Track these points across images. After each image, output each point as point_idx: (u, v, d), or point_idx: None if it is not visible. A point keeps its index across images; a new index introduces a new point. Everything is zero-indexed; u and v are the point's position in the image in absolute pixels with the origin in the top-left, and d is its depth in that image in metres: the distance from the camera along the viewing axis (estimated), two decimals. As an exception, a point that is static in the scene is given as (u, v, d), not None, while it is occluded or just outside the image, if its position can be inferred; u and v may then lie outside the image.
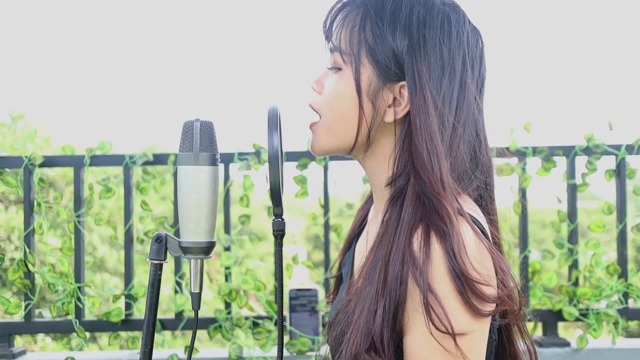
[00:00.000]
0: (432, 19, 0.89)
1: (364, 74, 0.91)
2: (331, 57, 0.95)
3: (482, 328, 0.83)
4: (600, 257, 1.95)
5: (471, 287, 0.79)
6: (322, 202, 2.01)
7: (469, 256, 0.80)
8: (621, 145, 1.98)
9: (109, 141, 1.99)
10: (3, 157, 1.94)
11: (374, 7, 0.91)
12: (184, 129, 0.92)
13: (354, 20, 0.92)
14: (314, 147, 0.98)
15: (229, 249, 1.96)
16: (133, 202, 1.98)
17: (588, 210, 6.50)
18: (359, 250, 1.07)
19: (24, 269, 1.88)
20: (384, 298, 0.82)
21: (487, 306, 0.80)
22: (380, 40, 0.89)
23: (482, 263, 0.82)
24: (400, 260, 0.82)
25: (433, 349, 0.80)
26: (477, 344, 0.83)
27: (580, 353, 1.92)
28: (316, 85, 0.97)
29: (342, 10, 0.94)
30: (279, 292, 0.96)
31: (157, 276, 0.96)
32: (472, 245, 0.81)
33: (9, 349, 1.94)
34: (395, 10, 0.89)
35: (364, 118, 0.91)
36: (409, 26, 0.88)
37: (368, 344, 0.82)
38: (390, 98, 0.91)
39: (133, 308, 1.96)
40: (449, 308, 0.79)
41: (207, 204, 0.92)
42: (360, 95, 0.91)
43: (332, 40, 0.94)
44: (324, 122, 0.95)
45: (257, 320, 1.93)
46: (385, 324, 0.82)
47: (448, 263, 0.79)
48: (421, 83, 0.87)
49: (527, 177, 1.96)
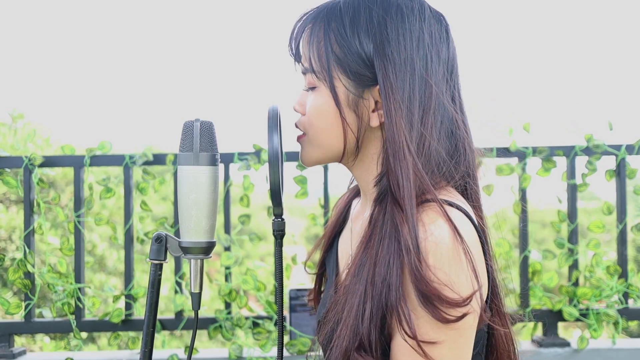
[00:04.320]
0: (391, 18, 0.89)
1: (340, 87, 0.92)
2: (305, 78, 0.96)
3: (454, 338, 0.81)
4: (600, 257, 1.95)
5: (431, 291, 0.78)
6: (322, 202, 2.01)
7: (431, 259, 0.79)
8: (621, 145, 1.98)
9: (109, 141, 1.99)
10: (3, 157, 1.94)
11: (333, 18, 0.91)
12: (184, 129, 0.92)
13: (318, 36, 0.93)
14: (303, 160, 1.00)
15: (229, 249, 1.96)
16: (133, 202, 1.98)
17: (588, 210, 6.50)
18: (343, 248, 1.08)
19: (24, 269, 1.88)
20: (372, 300, 0.82)
21: (452, 311, 0.79)
22: (347, 50, 0.90)
23: (449, 265, 0.80)
24: (385, 266, 0.82)
25: (409, 355, 0.81)
26: (453, 356, 0.81)
27: (580, 353, 1.92)
28: (298, 107, 0.99)
29: (304, 29, 0.95)
30: (279, 292, 0.96)
31: (157, 276, 0.96)
32: (439, 247, 0.80)
33: (9, 349, 1.94)
34: (354, 16, 0.90)
35: (348, 128, 0.92)
36: (371, 29, 0.89)
37: (357, 342, 0.83)
38: (371, 103, 0.91)
39: (133, 308, 1.96)
40: (416, 314, 0.80)
41: (207, 204, 0.92)
42: (340, 108, 0.91)
43: (302, 62, 0.96)
44: (309, 138, 0.97)
45: (257, 320, 1.93)
46: (373, 325, 0.82)
47: (410, 267, 0.79)
48: (389, 83, 0.88)
49: (527, 177, 1.96)
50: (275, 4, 61.30)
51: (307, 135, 0.97)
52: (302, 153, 1.00)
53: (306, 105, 0.97)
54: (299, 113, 0.99)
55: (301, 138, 0.99)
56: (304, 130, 0.97)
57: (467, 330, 0.83)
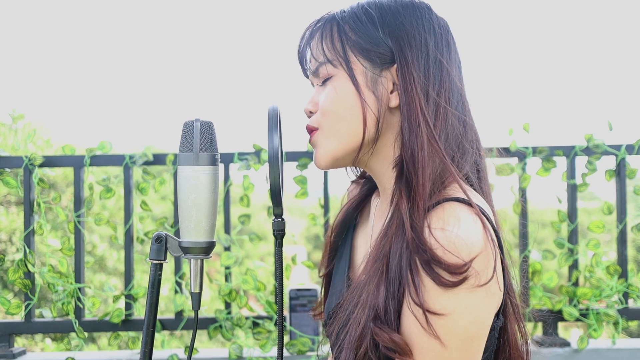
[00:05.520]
0: (405, 9, 0.93)
1: (357, 68, 0.92)
2: (318, 74, 0.96)
3: (460, 309, 0.80)
4: (600, 257, 1.95)
5: (431, 255, 0.79)
6: (322, 202, 2.01)
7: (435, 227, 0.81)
8: (621, 145, 1.98)
9: (109, 141, 1.99)
10: (3, 157, 1.94)
11: (346, 16, 0.95)
12: (184, 129, 0.92)
13: (330, 31, 0.94)
14: (319, 158, 0.96)
15: (229, 249, 1.96)
16: (133, 202, 1.98)
17: (588, 210, 6.50)
18: (361, 244, 1.07)
19: (24, 269, 1.88)
20: (387, 274, 0.84)
21: (451, 276, 0.79)
22: (363, 34, 0.92)
23: (450, 230, 0.80)
24: (400, 242, 0.84)
25: (413, 322, 0.82)
26: (459, 334, 0.81)
27: (580, 353, 1.92)
28: (312, 106, 0.97)
29: (312, 35, 0.97)
30: (279, 292, 0.96)
31: (157, 276, 0.96)
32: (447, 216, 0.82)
33: (9, 349, 1.94)
34: (367, 11, 0.94)
35: (368, 110, 0.92)
36: (385, 17, 0.92)
37: (373, 315, 0.84)
38: (390, 84, 0.92)
39: (133, 308, 1.96)
40: (423, 281, 0.81)
41: (207, 204, 0.92)
42: (359, 88, 0.92)
43: (315, 58, 0.96)
44: (324, 130, 0.95)
45: (257, 320, 1.93)
46: (390, 297, 0.83)
47: (411, 236, 0.82)
48: (405, 60, 0.90)
49: (527, 177, 1.96)
50: (275, 4, 61.28)
51: (320, 128, 0.95)
52: (317, 151, 0.96)
53: (319, 102, 0.96)
54: (311, 114, 0.98)
55: (314, 134, 0.96)
56: (317, 125, 0.95)
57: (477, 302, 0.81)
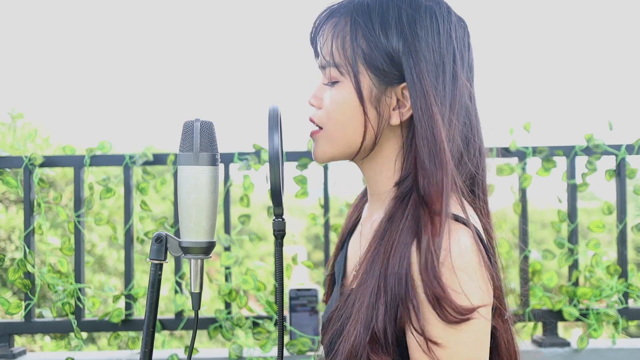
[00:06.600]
0: (420, 17, 0.89)
1: (364, 82, 0.91)
2: (325, 72, 0.95)
3: (460, 342, 0.81)
4: (600, 257, 1.95)
5: (443, 295, 0.79)
6: (322, 202, 2.01)
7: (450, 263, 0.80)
8: (621, 145, 1.98)
9: (109, 141, 1.99)
10: (3, 157, 1.94)
11: (361, 15, 0.91)
12: (184, 129, 0.92)
13: (343, 31, 0.92)
14: (316, 155, 0.98)
15: (229, 249, 1.96)
16: (133, 202, 1.98)
17: (588, 210, 6.50)
18: (352, 250, 1.07)
19: (24, 269, 1.88)
20: (386, 294, 0.83)
21: (458, 314, 0.80)
22: (374, 45, 0.89)
23: (466, 272, 0.81)
24: (399, 259, 0.83)
25: (415, 345, 0.82)
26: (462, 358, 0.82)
27: (580, 353, 1.92)
28: (314, 100, 0.97)
29: (327, 21, 0.94)
30: (279, 292, 0.96)
31: (157, 276, 0.96)
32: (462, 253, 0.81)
33: (9, 349, 1.94)
34: (383, 14, 0.90)
35: (369, 125, 0.91)
36: (400, 27, 0.89)
37: (369, 337, 0.83)
38: (393, 101, 0.91)
39: (133, 308, 1.96)
40: (424, 311, 0.81)
41: (207, 204, 0.92)
42: (364, 103, 0.91)
43: (324, 55, 0.94)
44: (326, 132, 0.95)
45: (257, 320, 1.93)
46: (388, 319, 0.83)
47: (425, 267, 0.80)
48: (421, 82, 0.87)
49: (527, 177, 1.96)
50: (275, 4, 61.26)
51: (323, 130, 0.96)
52: (315, 149, 0.98)
53: (323, 100, 0.95)
54: (314, 107, 0.97)
55: (316, 133, 0.97)
56: (321, 124, 0.96)
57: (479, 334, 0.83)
